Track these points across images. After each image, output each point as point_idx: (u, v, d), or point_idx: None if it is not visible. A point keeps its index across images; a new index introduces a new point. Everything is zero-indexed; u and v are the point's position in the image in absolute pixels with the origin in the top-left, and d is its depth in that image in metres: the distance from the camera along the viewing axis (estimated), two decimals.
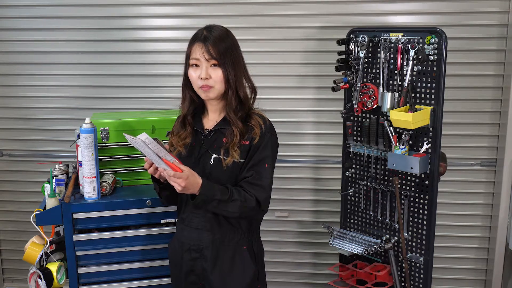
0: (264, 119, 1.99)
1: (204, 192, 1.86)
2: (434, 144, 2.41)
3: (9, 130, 3.37)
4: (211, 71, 1.92)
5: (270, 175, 1.97)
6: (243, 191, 1.92)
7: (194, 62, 1.93)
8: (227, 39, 1.94)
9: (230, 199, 1.89)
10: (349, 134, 2.66)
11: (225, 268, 2.01)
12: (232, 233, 2.02)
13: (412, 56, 2.36)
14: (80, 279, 2.35)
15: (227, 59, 1.91)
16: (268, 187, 1.96)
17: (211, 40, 1.90)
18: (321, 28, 3.06)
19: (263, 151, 1.95)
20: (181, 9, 3.15)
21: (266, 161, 1.95)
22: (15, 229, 3.47)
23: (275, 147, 2.02)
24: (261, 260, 2.12)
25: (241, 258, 2.03)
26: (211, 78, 1.92)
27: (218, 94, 1.96)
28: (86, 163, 2.28)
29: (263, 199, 1.94)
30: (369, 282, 2.62)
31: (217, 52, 1.90)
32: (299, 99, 3.17)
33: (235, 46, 1.97)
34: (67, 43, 3.22)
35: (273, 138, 2.00)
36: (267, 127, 1.98)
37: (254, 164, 1.94)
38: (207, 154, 1.98)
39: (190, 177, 1.81)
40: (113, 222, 2.34)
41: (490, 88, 3.02)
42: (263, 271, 2.14)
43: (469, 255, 3.24)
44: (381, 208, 2.63)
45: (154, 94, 3.22)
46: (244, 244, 2.04)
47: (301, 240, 3.35)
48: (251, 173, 1.94)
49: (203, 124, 2.05)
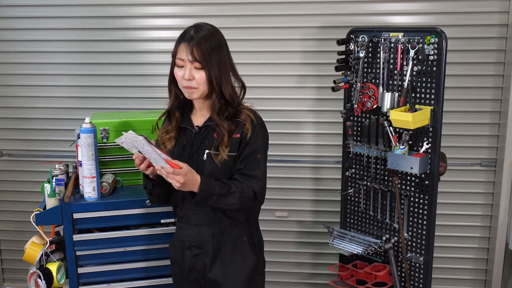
0: (254, 112, 2.02)
1: (204, 189, 1.86)
2: (434, 144, 2.41)
3: (9, 130, 3.37)
4: (195, 72, 1.91)
5: (263, 165, 2.00)
6: (239, 183, 1.94)
7: (179, 63, 1.93)
8: (212, 39, 1.92)
9: (228, 192, 1.91)
10: (349, 134, 2.66)
11: (226, 261, 2.03)
12: (231, 226, 2.04)
13: (412, 56, 2.36)
14: (80, 279, 2.36)
15: (211, 61, 1.90)
16: (262, 177, 1.99)
17: (196, 41, 1.89)
18: (320, 28, 3.06)
19: (255, 143, 1.97)
20: (181, 9, 3.14)
21: (258, 152, 1.98)
22: (15, 229, 3.47)
23: (265, 138, 2.04)
24: (260, 250, 2.14)
25: (242, 249, 2.05)
26: (195, 79, 1.91)
27: (202, 94, 1.96)
28: (86, 163, 2.28)
29: (259, 189, 1.96)
30: (369, 282, 2.62)
31: (200, 54, 1.89)
32: (299, 99, 3.17)
33: (221, 46, 1.95)
34: (67, 43, 3.22)
35: (263, 129, 2.02)
36: (258, 119, 2.00)
37: (246, 155, 1.96)
38: (200, 150, 1.99)
39: (189, 173, 1.82)
40: (113, 222, 2.34)
41: (490, 88, 3.02)
42: (263, 262, 2.16)
43: (469, 255, 3.24)
44: (381, 208, 2.63)
45: (154, 94, 3.22)
46: (244, 235, 2.06)
47: (301, 240, 3.35)
48: (244, 164, 1.96)
49: (193, 121, 2.05)
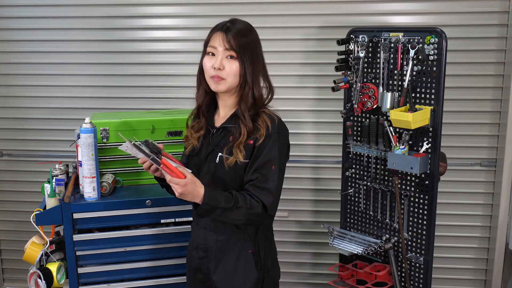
0: (273, 118, 1.89)
1: (207, 202, 1.78)
2: (434, 144, 2.40)
3: (9, 130, 3.37)
4: (226, 62, 1.84)
5: (277, 178, 1.86)
6: (249, 196, 1.82)
7: (211, 50, 1.86)
8: (249, 35, 1.88)
9: (235, 206, 1.79)
10: (349, 134, 2.66)
11: (227, 270, 1.96)
12: (237, 236, 1.95)
13: (412, 56, 2.36)
14: (80, 279, 2.36)
15: (246, 54, 1.84)
16: (275, 191, 1.86)
17: (233, 31, 1.84)
18: (321, 28, 3.06)
19: (269, 152, 1.84)
20: (182, 9, 3.14)
21: (273, 162, 1.84)
22: (15, 229, 3.47)
23: (283, 148, 1.90)
24: (268, 265, 2.02)
25: (245, 262, 1.96)
26: (225, 69, 1.84)
27: (229, 88, 1.88)
28: (86, 163, 2.28)
29: (270, 203, 1.84)
30: (369, 282, 2.62)
31: (237, 44, 1.83)
32: (299, 99, 3.16)
33: (257, 44, 1.90)
34: (67, 43, 3.22)
35: (282, 138, 1.89)
36: (274, 127, 1.87)
37: (259, 166, 1.84)
38: (214, 152, 1.92)
39: (189, 185, 1.73)
40: (113, 222, 2.34)
41: (490, 88, 3.02)
42: (272, 279, 2.04)
43: (469, 255, 3.24)
44: (381, 208, 2.63)
45: (154, 94, 3.22)
46: (250, 248, 1.96)
47: (301, 240, 3.35)
48: (256, 175, 1.84)
49: (214, 122, 1.99)
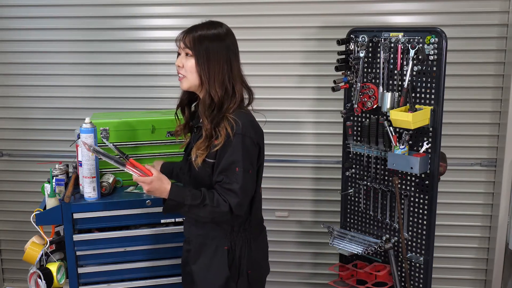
0: (237, 122, 1.83)
1: (173, 198, 1.84)
2: (434, 144, 2.40)
3: (9, 130, 3.37)
4: (185, 60, 1.88)
5: (242, 179, 1.84)
6: (218, 195, 1.85)
7: (178, 51, 1.91)
8: (210, 30, 1.84)
9: (201, 203, 1.83)
10: (349, 134, 2.66)
11: (204, 264, 1.99)
12: (214, 231, 1.97)
13: (412, 56, 2.36)
14: (80, 279, 2.35)
15: (201, 51, 1.82)
16: (240, 192, 1.84)
17: (194, 31, 1.85)
18: (320, 28, 3.06)
19: (233, 155, 1.83)
20: (181, 9, 3.14)
21: (237, 165, 1.83)
22: (15, 229, 3.47)
23: (250, 149, 1.86)
24: (244, 264, 1.98)
25: (220, 259, 1.96)
26: (184, 67, 1.88)
27: (191, 86, 1.90)
28: (86, 163, 2.28)
29: (235, 204, 1.84)
30: (369, 282, 2.62)
31: (191, 41, 1.83)
32: (299, 99, 3.17)
33: (219, 39, 1.85)
34: (67, 43, 3.22)
35: (247, 139, 1.85)
36: (239, 129, 1.83)
37: (224, 168, 1.85)
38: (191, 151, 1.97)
39: (155, 182, 1.82)
40: (113, 222, 2.34)
41: (490, 88, 3.02)
42: (247, 277, 1.99)
43: (469, 255, 3.24)
44: (381, 208, 2.63)
45: (154, 94, 3.22)
46: (225, 244, 1.97)
47: (301, 240, 3.35)
48: (222, 177, 1.85)
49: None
